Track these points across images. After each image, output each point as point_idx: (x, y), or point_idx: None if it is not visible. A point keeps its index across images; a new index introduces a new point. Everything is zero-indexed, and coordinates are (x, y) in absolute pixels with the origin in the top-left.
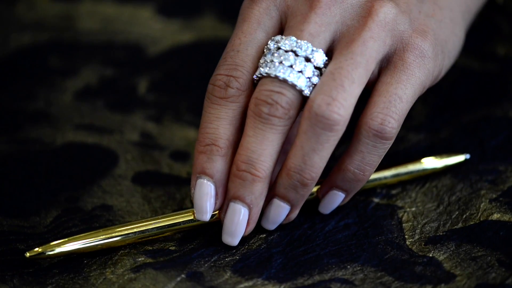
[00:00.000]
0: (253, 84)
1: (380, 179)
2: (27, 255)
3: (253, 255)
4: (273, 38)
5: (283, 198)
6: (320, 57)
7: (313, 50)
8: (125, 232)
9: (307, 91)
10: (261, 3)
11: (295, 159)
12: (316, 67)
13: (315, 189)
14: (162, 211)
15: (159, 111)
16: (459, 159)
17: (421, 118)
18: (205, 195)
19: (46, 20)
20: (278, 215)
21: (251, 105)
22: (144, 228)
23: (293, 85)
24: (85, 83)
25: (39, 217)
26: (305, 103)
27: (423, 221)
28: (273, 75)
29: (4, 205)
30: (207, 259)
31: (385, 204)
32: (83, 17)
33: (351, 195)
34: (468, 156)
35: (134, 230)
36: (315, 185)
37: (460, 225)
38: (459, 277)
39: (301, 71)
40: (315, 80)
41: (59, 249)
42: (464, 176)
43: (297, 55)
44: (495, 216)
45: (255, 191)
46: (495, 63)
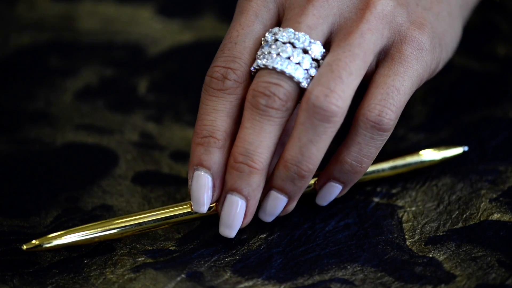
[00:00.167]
0: (251, 76)
1: (378, 171)
2: (24, 247)
3: (253, 255)
4: (270, 30)
5: (281, 190)
6: (317, 49)
7: (310, 42)
8: (123, 224)
9: (304, 83)
10: None
11: (292, 151)
12: (313, 59)
13: (312, 181)
14: None
15: (159, 111)
16: (457, 151)
17: (421, 118)
18: (202, 187)
19: (46, 20)
20: (275, 207)
21: (248, 97)
22: (141, 220)
23: (290, 77)
24: (85, 83)
25: (39, 217)
26: (302, 95)
27: (423, 221)
28: (270, 67)
29: (4, 205)
30: (207, 259)
31: (385, 203)
32: (83, 17)
33: (349, 187)
34: (466, 148)
35: (131, 222)
36: (313, 177)
37: (460, 225)
38: (459, 278)
39: (298, 63)
40: (313, 72)
41: (56, 242)
42: (464, 175)
43: (294, 47)
44: (495, 216)
45: (252, 183)
46: (495, 63)
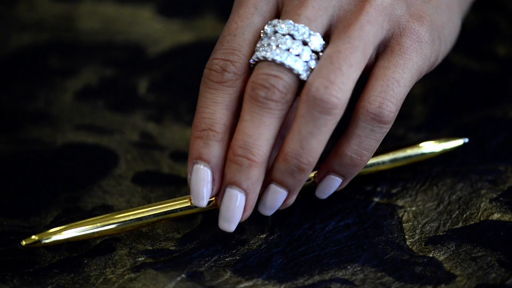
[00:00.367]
0: (250, 68)
1: (378, 164)
2: (23, 243)
3: (253, 255)
4: (270, 22)
5: (280, 183)
6: (317, 41)
7: (310, 34)
8: (122, 219)
9: (304, 75)
10: None
11: (292, 144)
12: (313, 51)
13: (312, 175)
14: None
15: (159, 111)
16: (458, 143)
17: (421, 118)
18: (201, 181)
19: (46, 20)
20: (275, 200)
21: (247, 89)
22: (140, 215)
23: (290, 69)
24: (85, 83)
25: (39, 217)
26: (302, 88)
27: (423, 221)
28: (270, 59)
29: (4, 205)
30: (207, 259)
31: (385, 203)
32: (83, 17)
33: (349, 180)
34: (466, 140)
35: (130, 217)
36: (313, 170)
37: (460, 224)
38: (459, 278)
39: (298, 55)
40: (313, 64)
41: (55, 237)
42: (464, 175)
43: (294, 38)
44: (495, 216)
45: (251, 176)
46: (495, 63)
